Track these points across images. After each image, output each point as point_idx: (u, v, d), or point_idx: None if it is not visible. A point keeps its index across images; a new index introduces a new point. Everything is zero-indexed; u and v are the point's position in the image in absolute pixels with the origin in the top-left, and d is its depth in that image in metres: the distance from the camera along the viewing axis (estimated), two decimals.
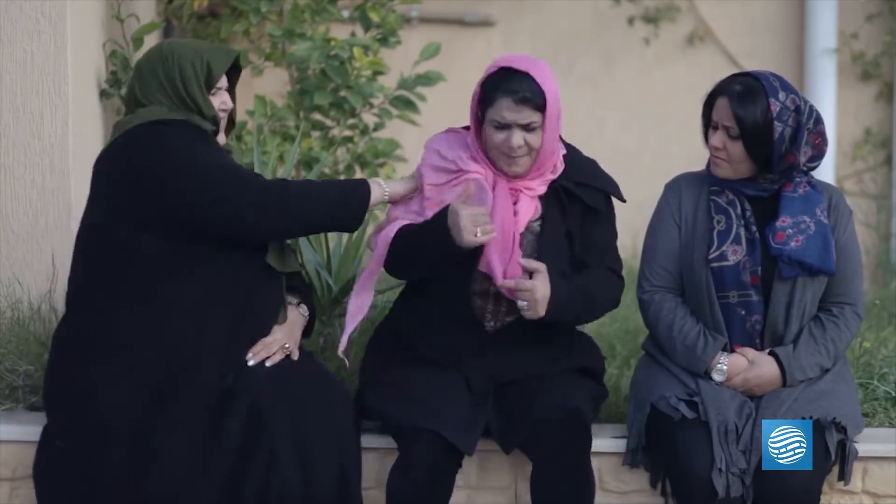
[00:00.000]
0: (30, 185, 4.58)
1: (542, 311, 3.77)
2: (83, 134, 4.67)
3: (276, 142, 5.40)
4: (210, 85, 3.79)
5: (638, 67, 7.34)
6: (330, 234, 4.60)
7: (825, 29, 7.20)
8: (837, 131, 7.19)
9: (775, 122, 3.84)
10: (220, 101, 3.83)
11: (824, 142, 3.96)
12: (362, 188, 3.80)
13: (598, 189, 3.95)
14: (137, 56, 4.82)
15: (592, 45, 7.30)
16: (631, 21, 7.28)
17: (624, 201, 4.01)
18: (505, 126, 3.81)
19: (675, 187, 4.06)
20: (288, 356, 3.80)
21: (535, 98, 3.79)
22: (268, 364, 3.74)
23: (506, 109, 3.80)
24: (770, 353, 3.93)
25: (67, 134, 4.58)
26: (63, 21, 4.55)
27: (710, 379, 3.92)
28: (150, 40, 5.14)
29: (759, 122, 3.85)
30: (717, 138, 3.91)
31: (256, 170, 4.54)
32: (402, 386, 3.85)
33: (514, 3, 7.33)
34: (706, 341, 3.93)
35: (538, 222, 3.91)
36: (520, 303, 3.79)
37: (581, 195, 3.91)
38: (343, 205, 3.76)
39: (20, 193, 4.59)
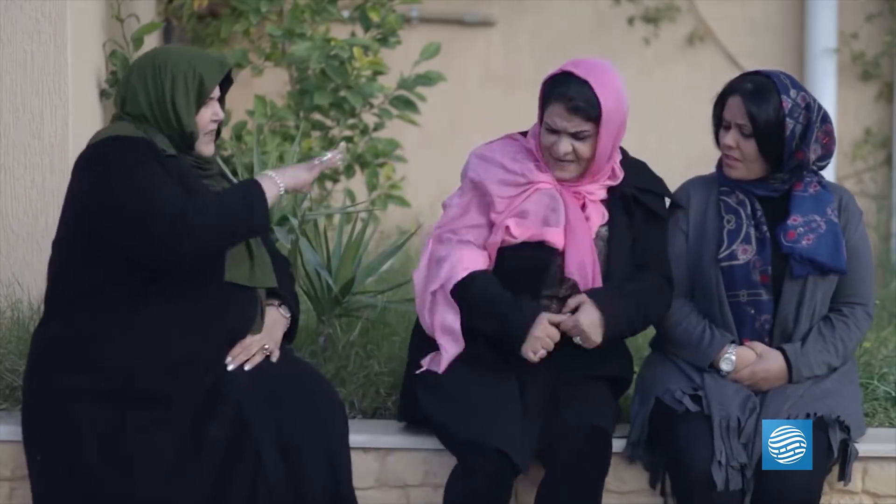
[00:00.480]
0: (30, 185, 4.58)
1: (597, 337, 3.78)
2: (83, 134, 4.66)
3: (276, 142, 5.40)
4: (201, 98, 3.71)
5: (638, 67, 7.33)
6: (330, 234, 4.60)
7: (825, 29, 7.20)
8: (837, 131, 7.14)
9: (787, 119, 3.85)
10: (211, 111, 3.75)
11: (832, 141, 3.97)
12: (258, 195, 3.63)
13: (660, 194, 3.97)
14: (137, 56, 4.81)
15: (592, 45, 7.28)
16: (631, 21, 7.28)
17: (682, 207, 4.02)
18: (555, 131, 3.80)
19: (685, 193, 4.05)
20: (269, 357, 3.74)
21: (588, 108, 3.76)
22: (247, 367, 3.68)
23: (557, 116, 3.79)
24: (778, 349, 3.94)
25: (67, 134, 4.58)
26: (63, 21, 4.55)
27: (718, 371, 3.92)
28: (150, 40, 5.14)
29: (771, 120, 3.85)
30: (731, 137, 3.91)
31: (256, 169, 4.54)
32: (458, 391, 3.81)
33: (514, 3, 7.33)
34: (712, 335, 3.93)
35: (605, 227, 3.90)
36: (575, 339, 3.79)
37: (647, 202, 3.92)
38: (244, 215, 3.62)
39: (20, 193, 4.58)
